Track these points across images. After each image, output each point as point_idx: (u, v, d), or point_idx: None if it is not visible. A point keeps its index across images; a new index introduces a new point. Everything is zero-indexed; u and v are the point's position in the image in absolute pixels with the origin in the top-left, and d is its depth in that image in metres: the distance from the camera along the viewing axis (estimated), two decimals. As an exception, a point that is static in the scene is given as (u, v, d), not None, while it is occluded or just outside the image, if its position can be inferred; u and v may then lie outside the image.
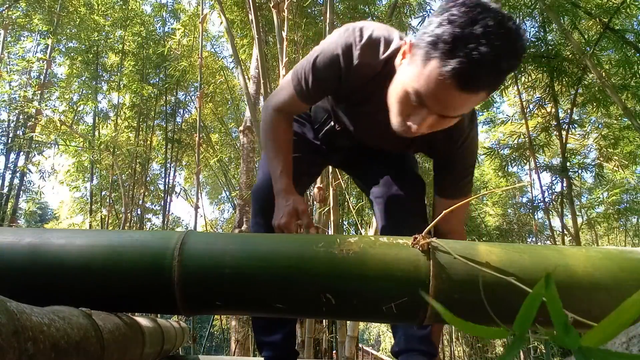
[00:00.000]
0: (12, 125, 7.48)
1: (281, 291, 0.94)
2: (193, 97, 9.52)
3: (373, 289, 0.92)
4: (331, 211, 3.61)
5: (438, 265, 0.90)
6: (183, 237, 0.97)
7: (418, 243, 0.93)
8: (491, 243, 0.99)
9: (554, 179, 5.96)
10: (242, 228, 6.30)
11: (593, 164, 6.70)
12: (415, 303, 0.90)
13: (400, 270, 0.91)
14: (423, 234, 0.95)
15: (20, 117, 7.36)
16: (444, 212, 1.00)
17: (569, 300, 0.87)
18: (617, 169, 8.15)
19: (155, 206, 9.91)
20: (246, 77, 6.69)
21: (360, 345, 13.39)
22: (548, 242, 9.04)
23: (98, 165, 8.14)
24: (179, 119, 9.35)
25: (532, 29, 6.14)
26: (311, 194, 5.14)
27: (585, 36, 5.77)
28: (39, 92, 7.11)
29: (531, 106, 6.46)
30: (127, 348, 0.91)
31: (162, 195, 9.20)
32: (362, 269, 0.91)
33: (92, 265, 0.93)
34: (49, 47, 7.52)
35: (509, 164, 6.94)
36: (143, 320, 1.13)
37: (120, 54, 8.66)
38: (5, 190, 7.22)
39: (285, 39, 4.59)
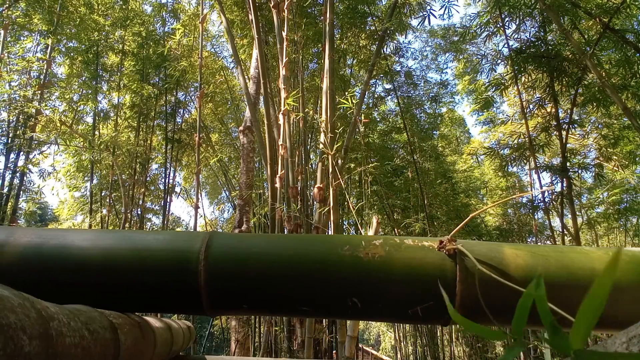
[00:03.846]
0: (12, 125, 7.47)
1: (307, 294, 0.94)
2: (193, 97, 9.53)
3: (399, 292, 0.91)
4: (331, 211, 3.61)
5: (464, 270, 0.89)
6: (207, 240, 0.97)
7: (444, 247, 0.93)
8: (517, 245, 0.98)
9: (554, 179, 5.96)
10: (242, 228, 6.30)
11: (593, 164, 6.70)
12: (441, 306, 0.89)
13: (426, 274, 0.90)
14: (449, 237, 0.95)
15: (20, 117, 7.36)
16: (471, 215, 1.01)
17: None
18: (617, 169, 8.15)
19: (155, 206, 9.92)
20: (246, 77, 6.69)
21: (360, 345, 13.39)
22: (548, 242, 9.04)
23: (98, 165, 8.14)
24: (179, 119, 9.36)
25: (532, 29, 6.15)
26: (311, 194, 5.15)
27: (585, 36, 5.78)
28: (39, 92, 7.10)
29: (531, 106, 6.47)
30: (141, 348, 0.92)
31: (162, 195, 9.20)
32: (388, 273, 0.91)
33: (116, 267, 0.92)
34: (49, 47, 7.51)
35: (509, 164, 6.94)
36: (153, 321, 1.13)
37: (120, 54, 8.66)
38: (5, 190, 7.21)
39: (285, 39, 4.59)
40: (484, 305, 0.87)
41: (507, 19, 6.05)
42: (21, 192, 7.81)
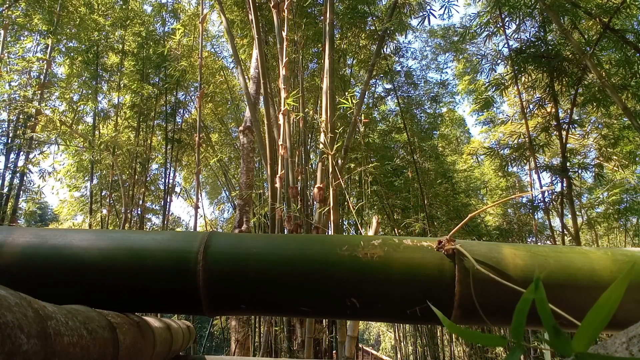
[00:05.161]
0: (12, 125, 7.47)
1: (306, 294, 0.94)
2: (193, 97, 9.53)
3: (398, 293, 0.91)
4: (331, 211, 3.60)
5: (463, 270, 0.89)
6: (206, 240, 0.96)
7: (443, 247, 0.93)
8: (516, 245, 0.97)
9: (554, 179, 5.96)
10: (242, 228, 6.30)
11: (593, 164, 6.69)
12: (440, 306, 0.89)
13: (425, 275, 0.90)
14: (448, 237, 0.94)
15: (20, 117, 7.36)
16: (470, 215, 1.01)
17: (592, 305, 0.86)
18: (617, 169, 8.15)
19: (155, 206, 9.92)
20: (246, 77, 6.68)
21: (360, 345, 13.38)
22: (548, 242, 9.04)
23: (98, 165, 8.14)
24: (179, 119, 9.36)
25: (532, 29, 6.15)
26: (311, 194, 5.15)
27: (585, 36, 5.77)
28: (39, 92, 7.10)
29: (531, 106, 6.46)
30: (140, 348, 0.92)
31: (162, 195, 9.20)
32: (387, 273, 0.90)
33: (115, 268, 0.92)
34: (49, 47, 7.51)
35: (509, 164, 6.94)
36: (152, 321, 1.13)
37: (120, 54, 8.66)
38: (5, 190, 7.21)
39: (285, 39, 4.59)
40: (482, 305, 0.87)
41: (507, 19, 6.05)
42: (21, 192, 7.81)
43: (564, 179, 5.50)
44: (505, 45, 6.09)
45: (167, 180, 9.15)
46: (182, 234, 1.11)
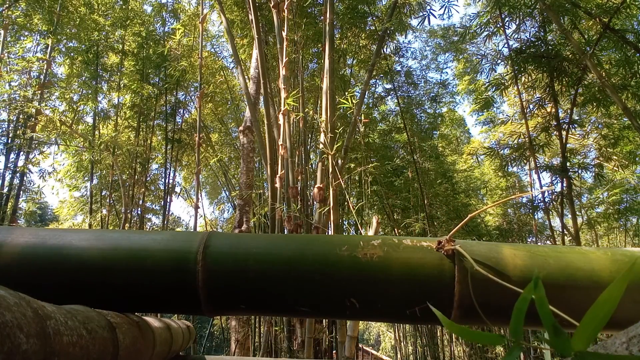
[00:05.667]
0: (12, 125, 7.47)
1: (305, 295, 0.94)
2: (193, 97, 9.53)
3: (397, 293, 0.91)
4: (331, 211, 3.60)
5: (463, 270, 0.89)
6: (205, 240, 0.96)
7: (442, 248, 0.93)
8: (515, 245, 0.97)
9: (554, 179, 5.96)
10: (242, 228, 6.30)
11: (593, 164, 6.69)
12: (439, 307, 0.90)
13: (424, 275, 0.90)
14: (447, 237, 0.94)
15: (20, 117, 7.36)
16: (470, 215, 1.00)
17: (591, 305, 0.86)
18: (617, 169, 8.15)
19: (155, 206, 9.92)
20: (246, 77, 6.68)
21: (360, 345, 13.39)
22: (548, 242, 9.04)
23: (98, 165, 8.14)
24: (179, 119, 9.36)
25: (532, 29, 6.15)
26: (311, 194, 5.15)
27: (585, 36, 5.77)
28: (39, 92, 7.09)
29: (531, 106, 6.46)
30: (139, 347, 0.91)
31: (162, 195, 9.20)
32: (387, 274, 0.90)
33: (114, 268, 0.92)
34: (49, 47, 7.50)
35: (509, 164, 6.94)
36: (152, 321, 1.13)
37: (120, 54, 8.67)
38: (5, 190, 7.21)
39: (285, 39, 4.59)
40: (482, 305, 0.87)
41: (507, 19, 6.04)
42: (21, 192, 7.81)
43: (564, 179, 5.50)
44: (505, 45, 6.10)
45: (167, 180, 9.16)
46: (181, 234, 1.11)
